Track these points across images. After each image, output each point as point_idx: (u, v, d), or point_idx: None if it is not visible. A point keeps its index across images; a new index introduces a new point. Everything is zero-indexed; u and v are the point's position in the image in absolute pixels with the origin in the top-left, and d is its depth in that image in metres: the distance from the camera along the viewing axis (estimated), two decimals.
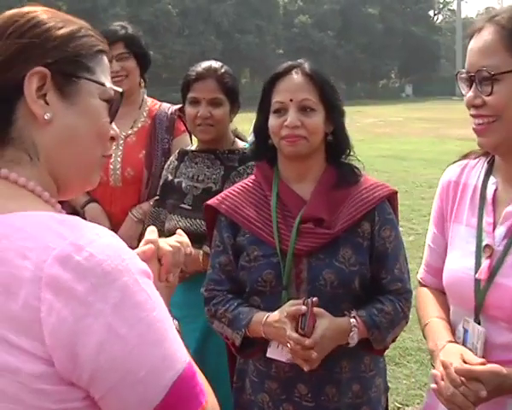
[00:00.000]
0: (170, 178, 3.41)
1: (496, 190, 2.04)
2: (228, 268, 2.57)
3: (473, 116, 1.94)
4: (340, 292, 2.40)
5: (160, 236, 1.58)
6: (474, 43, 1.92)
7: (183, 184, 3.32)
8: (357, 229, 2.46)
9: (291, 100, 2.44)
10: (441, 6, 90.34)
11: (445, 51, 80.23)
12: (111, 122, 1.39)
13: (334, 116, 2.51)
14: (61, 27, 1.29)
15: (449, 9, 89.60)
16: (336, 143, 2.54)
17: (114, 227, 3.63)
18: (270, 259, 2.46)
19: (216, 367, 2.84)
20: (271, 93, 2.50)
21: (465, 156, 2.22)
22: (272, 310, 2.38)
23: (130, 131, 3.84)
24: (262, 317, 2.39)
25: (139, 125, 3.86)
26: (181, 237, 1.65)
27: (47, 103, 1.26)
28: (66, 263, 1.08)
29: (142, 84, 3.95)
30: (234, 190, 2.65)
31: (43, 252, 1.09)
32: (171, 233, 3.08)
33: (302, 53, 64.47)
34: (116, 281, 1.10)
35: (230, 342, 2.55)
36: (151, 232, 1.57)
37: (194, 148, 3.43)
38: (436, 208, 2.27)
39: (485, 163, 2.12)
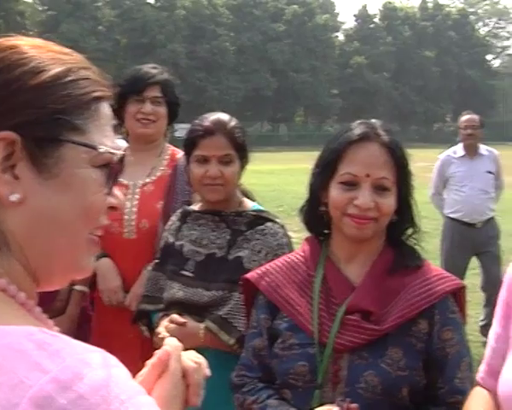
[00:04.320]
0: (171, 240, 3.05)
1: None
2: (262, 353, 2.27)
3: None
4: (383, 399, 2.04)
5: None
6: None
7: (185, 248, 2.97)
8: (411, 327, 2.10)
9: (367, 175, 2.10)
10: (499, 51, 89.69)
11: (502, 96, 79.33)
12: (109, 193, 1.05)
13: (405, 194, 2.19)
14: (41, 72, 0.97)
15: (507, 54, 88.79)
16: (399, 222, 2.22)
17: (126, 284, 3.45)
18: (306, 349, 2.14)
19: None
20: (340, 159, 2.14)
21: None
22: (303, 409, 2.08)
23: (147, 180, 3.60)
24: None
25: (158, 174, 3.63)
26: (199, 357, 1.38)
27: (16, 178, 0.95)
28: (46, 407, 0.77)
29: (167, 133, 3.76)
30: (276, 265, 2.34)
31: (15, 391, 0.78)
32: (171, 303, 2.91)
33: (356, 94, 64.69)
34: None
35: None
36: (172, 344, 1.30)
37: (197, 208, 3.07)
38: (502, 305, 1.93)
39: None
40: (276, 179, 22.95)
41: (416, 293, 2.12)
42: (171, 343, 1.30)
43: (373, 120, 2.23)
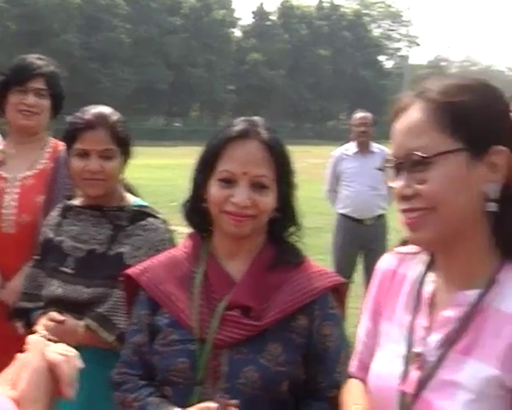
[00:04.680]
0: (50, 235, 2.93)
1: (434, 290, 1.74)
2: (142, 350, 2.21)
3: (404, 211, 1.64)
4: (263, 394, 2.04)
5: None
6: (402, 123, 1.65)
7: (65, 244, 2.86)
8: (290, 323, 2.10)
9: (245, 173, 2.08)
10: (391, 52, 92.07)
11: (394, 96, 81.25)
12: None
13: (286, 194, 2.19)
14: None
15: (399, 56, 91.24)
16: (281, 219, 2.21)
17: (6, 279, 3.35)
18: (186, 345, 2.10)
19: None
20: (219, 156, 2.13)
21: (405, 242, 1.87)
22: (184, 406, 2.03)
23: (28, 173, 3.49)
24: None
25: (39, 167, 3.52)
26: (69, 349, 1.27)
27: None
28: None
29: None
30: (158, 261, 2.30)
31: None
32: (50, 301, 2.82)
33: (252, 90, 65.12)
34: None
35: None
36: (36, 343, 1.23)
37: (78, 202, 2.96)
38: (371, 300, 1.94)
39: (427, 255, 1.81)
40: (170, 174, 22.82)
41: (296, 289, 2.13)
42: (31, 340, 1.23)
43: (255, 118, 2.21)
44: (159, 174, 21.25)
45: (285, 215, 2.21)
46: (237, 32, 75.48)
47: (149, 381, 2.18)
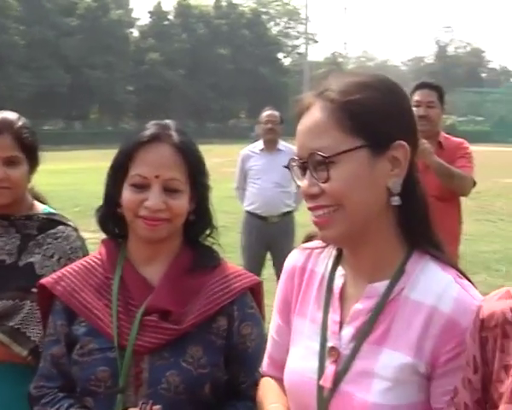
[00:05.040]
0: None
1: (344, 284, 1.76)
2: (61, 361, 2.15)
3: (311, 209, 1.66)
4: (186, 398, 2.04)
5: None
6: (304, 124, 1.65)
7: None
8: (211, 325, 2.12)
9: (157, 177, 2.06)
10: (290, 49, 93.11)
11: (294, 93, 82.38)
12: None
13: (201, 195, 2.19)
14: None
15: (297, 53, 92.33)
16: (197, 222, 2.22)
17: None
18: (106, 354, 2.07)
19: None
20: (131, 160, 2.10)
21: (311, 238, 1.91)
22: None
23: None
24: None
25: None
26: None
27: None
28: None
29: None
30: (73, 269, 2.24)
31: None
32: None
33: (152, 90, 64.63)
34: None
35: None
36: None
37: None
38: (280, 296, 1.94)
39: (335, 249, 1.82)
40: (72, 179, 22.47)
41: (215, 291, 2.14)
42: None
43: (167, 121, 2.21)
44: (60, 179, 20.83)
45: (200, 218, 2.21)
46: (135, 32, 74.81)
47: (69, 393, 2.13)
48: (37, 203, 2.91)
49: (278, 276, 7.64)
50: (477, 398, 1.49)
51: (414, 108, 5.20)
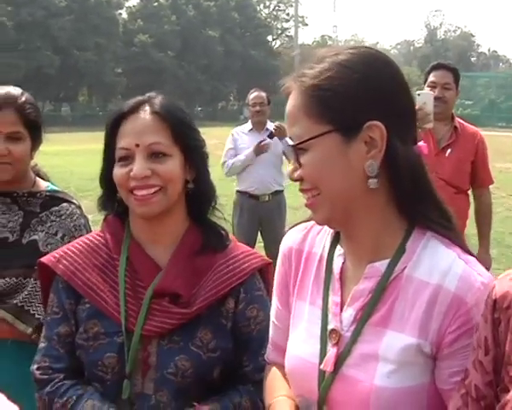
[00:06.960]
0: None
1: (344, 264, 1.74)
2: (69, 340, 2.05)
3: (301, 192, 1.66)
4: (194, 382, 1.98)
5: None
6: (286, 110, 1.66)
7: None
8: (220, 307, 2.06)
9: (137, 145, 1.98)
10: (279, 32, 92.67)
11: (283, 75, 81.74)
12: None
13: (195, 159, 2.08)
14: None
15: (287, 36, 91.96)
16: (199, 193, 2.12)
17: None
18: (113, 338, 1.99)
19: None
20: (115, 136, 2.03)
21: (310, 219, 1.84)
22: (113, 402, 1.96)
23: None
24: None
25: None
26: None
27: None
28: None
29: None
30: (75, 247, 2.15)
31: None
32: None
33: (142, 72, 64.26)
34: None
35: None
36: None
37: None
38: (279, 280, 1.91)
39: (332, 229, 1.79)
40: (62, 161, 22.28)
41: (224, 272, 2.07)
42: None
43: (151, 93, 2.13)
44: (50, 161, 20.69)
45: (200, 187, 2.12)
46: (124, 14, 74.18)
47: (76, 378, 2.05)
48: (40, 181, 2.89)
49: (269, 257, 7.70)
50: (488, 380, 1.46)
51: (428, 89, 5.22)
